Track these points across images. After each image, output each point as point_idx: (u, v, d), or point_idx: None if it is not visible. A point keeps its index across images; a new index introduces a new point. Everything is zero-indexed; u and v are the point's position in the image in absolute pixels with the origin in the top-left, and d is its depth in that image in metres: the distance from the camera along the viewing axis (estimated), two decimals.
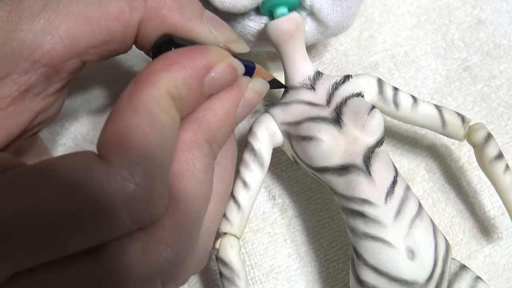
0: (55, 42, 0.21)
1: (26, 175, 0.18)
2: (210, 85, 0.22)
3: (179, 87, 0.21)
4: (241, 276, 0.27)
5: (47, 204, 0.17)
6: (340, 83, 0.29)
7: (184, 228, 0.21)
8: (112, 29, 0.22)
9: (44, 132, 0.35)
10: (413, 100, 0.30)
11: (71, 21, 0.22)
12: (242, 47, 0.26)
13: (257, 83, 0.25)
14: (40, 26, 0.21)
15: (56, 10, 0.21)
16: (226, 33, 0.25)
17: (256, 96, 0.25)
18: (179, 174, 0.21)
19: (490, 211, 0.36)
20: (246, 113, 0.25)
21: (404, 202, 0.27)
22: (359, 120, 0.28)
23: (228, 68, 0.23)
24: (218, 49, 0.23)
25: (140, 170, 0.18)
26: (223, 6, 0.28)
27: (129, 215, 0.18)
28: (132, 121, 0.19)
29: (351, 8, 0.31)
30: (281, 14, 0.29)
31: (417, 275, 0.27)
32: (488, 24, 0.41)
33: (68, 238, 0.18)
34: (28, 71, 0.21)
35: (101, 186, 0.18)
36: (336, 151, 0.28)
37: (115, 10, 0.22)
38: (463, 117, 0.31)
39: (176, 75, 0.21)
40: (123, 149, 0.18)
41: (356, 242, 0.28)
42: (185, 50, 0.22)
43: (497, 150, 0.30)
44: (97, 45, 0.22)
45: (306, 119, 0.28)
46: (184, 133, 0.22)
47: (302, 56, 0.29)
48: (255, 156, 0.29)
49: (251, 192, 0.29)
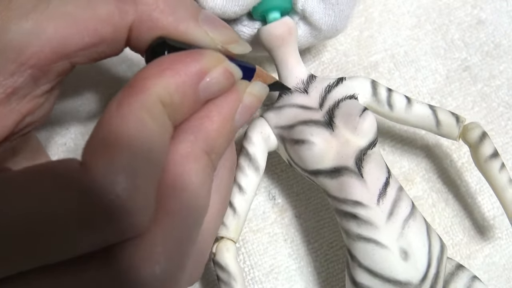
0: (42, 44, 0.21)
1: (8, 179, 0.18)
2: (206, 91, 0.22)
3: (172, 93, 0.20)
4: (237, 279, 0.28)
5: (27, 208, 0.17)
6: (333, 85, 0.30)
7: (175, 243, 0.20)
8: (101, 31, 0.22)
9: (44, 133, 0.36)
10: (407, 100, 0.31)
11: (60, 22, 0.21)
12: (241, 48, 0.25)
13: (256, 87, 0.24)
14: (28, 26, 0.21)
15: (45, 12, 0.21)
16: (224, 33, 0.24)
17: (255, 100, 0.24)
18: (174, 188, 0.20)
19: (490, 211, 0.36)
20: (245, 119, 0.24)
21: (396, 203, 0.27)
22: (351, 123, 0.28)
23: (224, 73, 0.22)
24: (213, 53, 0.22)
25: (122, 180, 0.18)
26: (213, 12, 0.28)
27: (108, 225, 0.18)
28: (120, 129, 0.18)
29: (344, 11, 0.31)
30: (274, 19, 0.29)
31: (411, 275, 0.27)
32: (488, 24, 0.41)
33: (44, 246, 0.17)
34: (14, 73, 0.21)
35: (80, 195, 0.17)
36: (328, 154, 0.28)
37: (104, 13, 0.22)
38: (458, 117, 0.31)
39: (169, 81, 0.20)
40: (107, 157, 0.18)
41: (350, 244, 0.28)
42: (178, 55, 0.21)
43: (492, 149, 0.30)
44: (86, 47, 0.22)
45: (299, 123, 0.29)
46: (180, 144, 0.21)
47: (295, 60, 0.30)
48: (250, 160, 0.29)
49: (246, 196, 0.29)
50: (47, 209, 0.17)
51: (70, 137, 0.36)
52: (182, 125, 0.22)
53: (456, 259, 0.35)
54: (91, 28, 0.22)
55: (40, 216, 0.17)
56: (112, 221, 0.18)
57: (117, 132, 0.18)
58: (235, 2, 0.29)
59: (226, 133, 0.22)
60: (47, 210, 0.17)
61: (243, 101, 0.23)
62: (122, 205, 0.18)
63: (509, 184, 0.30)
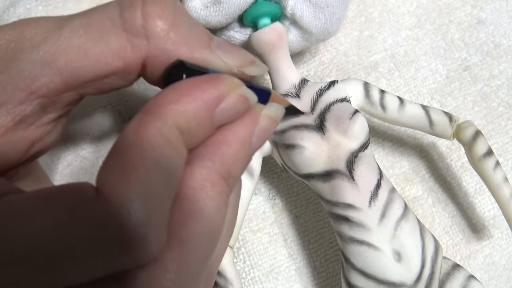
0: (53, 74, 0.21)
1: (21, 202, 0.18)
2: (221, 116, 0.21)
3: (189, 120, 0.20)
4: (234, 284, 0.28)
5: (41, 233, 0.17)
6: (325, 89, 0.30)
7: (188, 271, 0.20)
8: (112, 65, 0.22)
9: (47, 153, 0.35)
10: (400, 101, 0.31)
11: (71, 54, 0.21)
12: (257, 69, 0.24)
13: (272, 109, 0.23)
14: (39, 57, 0.21)
15: (57, 43, 0.21)
16: (238, 57, 0.23)
17: (271, 122, 0.23)
18: (189, 215, 0.20)
19: (490, 211, 0.36)
20: (262, 141, 0.23)
21: (388, 205, 0.28)
22: (342, 126, 0.28)
23: (240, 98, 0.22)
24: (231, 79, 0.22)
25: (139, 209, 0.18)
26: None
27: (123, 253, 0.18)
28: (137, 156, 0.18)
29: (334, 14, 0.31)
30: (264, 25, 0.29)
31: (405, 277, 0.27)
32: (488, 24, 0.40)
33: (60, 271, 0.17)
34: (23, 101, 0.21)
35: (95, 222, 0.17)
36: (320, 157, 0.28)
37: (115, 47, 0.21)
38: (451, 116, 0.31)
39: (187, 107, 0.20)
40: (124, 186, 0.18)
41: (343, 246, 0.28)
42: (195, 80, 0.21)
43: (486, 147, 0.30)
44: (96, 79, 0.22)
45: (290, 127, 0.29)
46: (197, 169, 0.20)
47: (286, 65, 0.30)
48: None
49: (241, 201, 0.29)
50: (61, 237, 0.17)
51: (75, 157, 0.36)
52: (198, 149, 0.21)
53: (456, 259, 0.35)
54: (102, 61, 0.22)
55: (54, 243, 0.17)
56: (128, 249, 0.18)
57: (134, 159, 0.18)
58: (218, 12, 0.29)
59: (243, 157, 0.22)
60: (61, 237, 0.17)
61: (259, 124, 0.23)
62: (138, 234, 0.18)
63: (504, 182, 0.30)
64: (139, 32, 0.22)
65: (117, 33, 0.22)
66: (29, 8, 0.37)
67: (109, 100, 0.36)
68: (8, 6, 0.37)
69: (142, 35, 0.22)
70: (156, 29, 0.22)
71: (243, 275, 0.34)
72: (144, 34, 0.22)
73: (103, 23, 0.22)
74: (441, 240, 0.36)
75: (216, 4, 0.29)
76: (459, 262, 0.35)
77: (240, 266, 0.34)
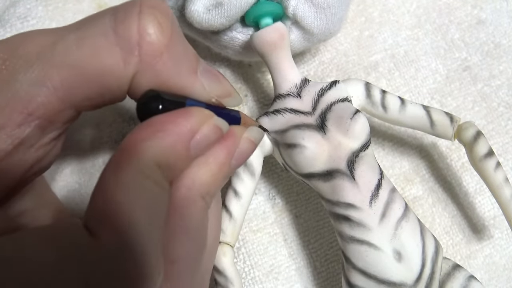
0: (49, 94, 0.21)
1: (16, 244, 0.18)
2: (196, 148, 0.22)
3: (166, 154, 0.20)
4: (235, 283, 0.28)
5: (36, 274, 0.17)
6: (326, 89, 0.30)
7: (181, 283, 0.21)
8: (106, 82, 0.22)
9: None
10: (401, 102, 0.31)
11: (65, 72, 0.21)
12: (235, 101, 0.25)
13: (252, 133, 0.25)
14: (34, 76, 0.21)
15: (51, 60, 0.21)
16: (220, 87, 0.24)
17: (251, 145, 0.24)
18: (174, 234, 0.21)
19: (490, 211, 0.36)
20: (240, 162, 0.24)
21: (389, 205, 0.28)
22: (343, 125, 0.28)
23: (213, 129, 0.22)
24: (201, 111, 0.22)
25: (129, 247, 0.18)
26: (201, 26, 0.29)
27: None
28: (119, 197, 0.19)
29: (336, 14, 0.31)
30: (266, 25, 0.29)
31: (405, 276, 0.27)
32: (488, 24, 0.40)
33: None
34: (22, 124, 0.21)
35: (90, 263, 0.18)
36: (320, 157, 0.28)
37: (109, 64, 0.21)
38: (452, 117, 0.31)
39: (162, 143, 0.20)
40: (111, 226, 0.18)
41: (344, 246, 0.28)
42: (168, 116, 0.21)
43: (487, 148, 0.30)
44: (91, 96, 0.22)
45: (291, 127, 0.29)
46: (177, 190, 0.21)
47: (288, 65, 0.30)
48: (245, 166, 0.30)
49: (242, 201, 0.29)
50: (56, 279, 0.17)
51: (75, 156, 0.36)
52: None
53: (456, 259, 0.35)
54: (96, 78, 0.22)
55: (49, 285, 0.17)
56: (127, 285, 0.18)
57: (117, 200, 0.18)
58: (221, 14, 0.29)
59: (221, 178, 0.23)
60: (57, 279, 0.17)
61: (240, 147, 0.24)
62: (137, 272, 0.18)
63: (505, 183, 0.30)
64: (133, 49, 0.22)
65: (111, 50, 0.21)
66: (29, 8, 0.37)
67: None
68: (8, 6, 0.37)
69: (136, 51, 0.22)
70: (152, 47, 0.22)
71: (243, 275, 0.34)
72: (138, 51, 0.22)
73: (97, 40, 0.21)
74: (441, 240, 0.35)
75: (217, 7, 0.29)
76: (459, 262, 0.35)
77: (240, 266, 0.34)
